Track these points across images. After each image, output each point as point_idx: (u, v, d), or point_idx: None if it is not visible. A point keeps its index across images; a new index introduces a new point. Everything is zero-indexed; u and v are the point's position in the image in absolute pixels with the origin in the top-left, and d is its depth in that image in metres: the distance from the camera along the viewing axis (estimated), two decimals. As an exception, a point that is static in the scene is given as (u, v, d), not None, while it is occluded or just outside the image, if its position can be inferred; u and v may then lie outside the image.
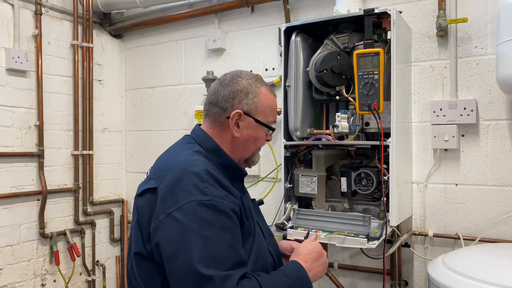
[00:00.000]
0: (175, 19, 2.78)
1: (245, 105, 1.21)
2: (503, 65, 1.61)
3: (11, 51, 2.42)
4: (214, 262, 1.00)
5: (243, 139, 1.23)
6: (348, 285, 2.27)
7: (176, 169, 1.11)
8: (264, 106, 1.23)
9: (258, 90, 1.23)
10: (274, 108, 1.27)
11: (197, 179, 1.07)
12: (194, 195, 1.04)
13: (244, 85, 1.22)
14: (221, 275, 0.98)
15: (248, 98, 1.21)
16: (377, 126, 1.72)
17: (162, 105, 2.92)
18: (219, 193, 1.07)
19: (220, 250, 1.02)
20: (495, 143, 1.91)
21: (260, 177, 2.52)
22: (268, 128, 1.26)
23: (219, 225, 1.04)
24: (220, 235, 1.03)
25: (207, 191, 1.06)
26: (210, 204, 1.04)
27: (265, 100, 1.23)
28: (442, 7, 1.97)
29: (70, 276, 2.73)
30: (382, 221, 1.76)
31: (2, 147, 2.42)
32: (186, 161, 1.14)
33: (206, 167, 1.11)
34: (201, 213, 1.03)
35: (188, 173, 1.08)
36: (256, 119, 1.22)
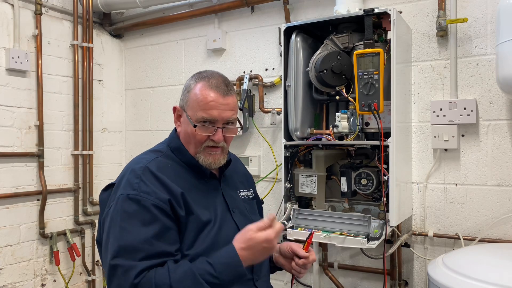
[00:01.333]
0: (175, 19, 2.78)
1: (181, 100, 1.29)
2: (503, 65, 1.61)
3: (11, 51, 2.42)
4: (124, 252, 1.08)
5: (184, 134, 1.28)
6: (348, 285, 2.27)
7: (126, 167, 1.24)
8: (193, 100, 1.24)
9: (193, 86, 1.25)
10: (203, 103, 1.21)
11: (133, 175, 1.18)
12: (125, 189, 1.15)
13: (187, 82, 1.29)
14: (125, 265, 1.06)
15: (184, 94, 1.28)
16: (377, 126, 1.72)
17: (162, 105, 2.92)
18: (147, 189, 1.14)
19: (134, 242, 1.08)
20: (495, 143, 1.91)
21: (260, 177, 2.52)
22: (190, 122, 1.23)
23: (138, 218, 1.11)
24: (137, 228, 1.10)
25: (135, 186, 1.15)
26: (135, 198, 1.13)
27: (194, 95, 1.24)
28: (442, 7, 1.97)
29: (70, 276, 2.73)
30: (382, 221, 1.76)
31: (2, 147, 2.42)
32: (136, 159, 1.27)
33: (148, 165, 1.20)
34: (125, 206, 1.12)
35: (130, 170, 1.20)
36: (187, 113, 1.25)
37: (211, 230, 1.20)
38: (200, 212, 1.20)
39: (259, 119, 2.51)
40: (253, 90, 2.50)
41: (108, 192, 1.24)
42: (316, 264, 2.21)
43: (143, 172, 1.17)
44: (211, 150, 1.26)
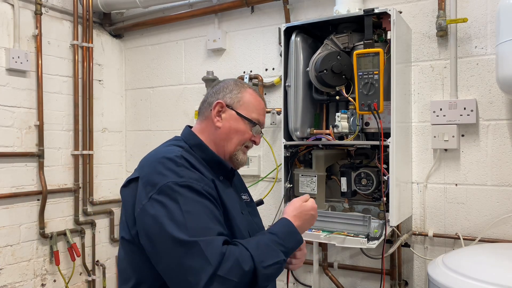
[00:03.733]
0: (175, 19, 2.78)
1: (228, 98, 1.29)
2: (503, 65, 1.61)
3: (11, 51, 2.42)
4: (197, 231, 1.05)
5: (225, 130, 1.27)
6: (348, 285, 2.27)
7: (154, 158, 1.19)
8: (247, 102, 1.29)
9: (243, 89, 1.30)
10: (259, 108, 1.31)
11: (172, 164, 1.14)
12: (170, 177, 1.11)
13: (230, 84, 1.32)
14: (205, 239, 1.03)
15: (232, 93, 1.29)
16: (377, 126, 1.72)
17: (162, 105, 2.92)
18: (194, 175, 1.14)
19: (202, 222, 1.07)
20: (495, 143, 1.91)
21: (260, 177, 2.52)
22: (249, 122, 1.28)
23: (196, 201, 1.10)
24: (199, 209, 1.09)
25: (182, 173, 1.12)
26: (186, 184, 1.10)
27: (250, 95, 1.30)
28: (442, 7, 1.97)
29: (70, 276, 2.73)
30: (382, 221, 1.76)
31: (2, 147, 2.42)
32: (163, 150, 1.23)
33: (182, 153, 1.19)
34: (179, 192, 1.09)
35: (164, 159, 1.16)
36: (238, 112, 1.27)
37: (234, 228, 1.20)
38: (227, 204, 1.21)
39: (259, 119, 2.50)
40: (253, 90, 2.49)
41: (132, 187, 1.18)
42: (316, 264, 2.21)
43: (181, 159, 1.16)
44: (246, 150, 1.33)
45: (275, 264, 1.09)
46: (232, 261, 1.02)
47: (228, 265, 1.01)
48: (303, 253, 1.31)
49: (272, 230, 1.17)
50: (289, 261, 1.32)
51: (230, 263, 1.02)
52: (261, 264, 1.06)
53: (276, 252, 1.11)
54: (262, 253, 1.08)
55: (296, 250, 1.28)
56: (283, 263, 1.12)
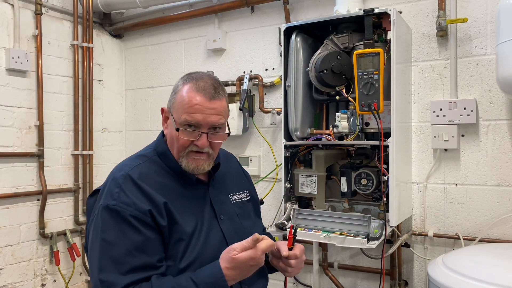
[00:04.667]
0: (175, 19, 2.78)
1: (169, 102, 1.23)
2: (503, 65, 1.61)
3: (11, 51, 2.42)
4: (108, 265, 1.06)
5: (169, 137, 1.24)
6: (348, 285, 2.27)
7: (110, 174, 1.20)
8: (177, 103, 1.18)
9: (180, 87, 1.19)
10: (188, 106, 1.15)
11: (113, 184, 1.14)
12: (105, 199, 1.12)
13: (175, 83, 1.24)
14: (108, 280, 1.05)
15: (171, 95, 1.23)
16: (377, 126, 1.72)
17: (162, 105, 2.90)
18: (126, 199, 1.11)
19: (116, 254, 1.07)
20: (495, 143, 1.91)
21: (260, 177, 2.52)
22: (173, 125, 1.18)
23: (119, 230, 1.09)
24: (119, 239, 1.08)
25: (116, 196, 1.11)
26: (114, 209, 1.10)
27: (180, 97, 1.17)
28: (442, 7, 1.97)
29: (70, 276, 2.73)
30: (382, 221, 1.76)
31: (2, 147, 2.42)
32: (119, 166, 1.22)
33: (130, 172, 1.15)
34: (105, 217, 1.10)
35: (111, 177, 1.17)
36: (173, 116, 1.19)
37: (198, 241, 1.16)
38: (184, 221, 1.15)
39: (259, 119, 2.51)
40: (253, 90, 2.50)
41: (94, 198, 1.20)
42: (316, 264, 2.21)
43: (124, 180, 1.13)
44: (195, 155, 1.19)
45: None
46: None
47: None
48: (301, 260, 1.26)
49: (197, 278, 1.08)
50: (284, 269, 1.28)
51: None
52: None
53: None
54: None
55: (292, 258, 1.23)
56: None
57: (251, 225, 1.35)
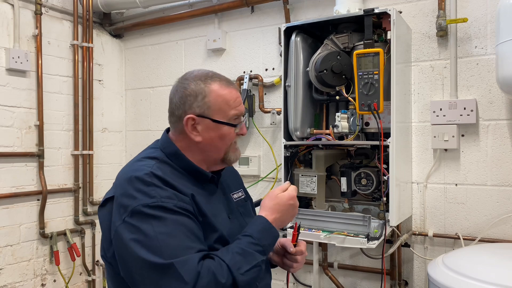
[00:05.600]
0: (175, 19, 2.78)
1: (196, 108, 1.17)
2: (503, 65, 1.62)
3: (11, 51, 2.42)
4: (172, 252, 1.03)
5: (207, 142, 1.20)
6: (348, 285, 2.27)
7: (126, 176, 1.14)
8: (218, 103, 1.17)
9: (207, 89, 1.17)
10: (232, 101, 1.19)
11: (141, 184, 1.10)
12: (140, 200, 1.07)
13: (192, 88, 1.18)
14: (180, 260, 1.01)
15: (198, 100, 1.17)
16: (377, 126, 1.72)
17: (162, 105, 2.92)
18: (166, 193, 1.09)
19: (177, 241, 1.05)
20: (495, 143, 1.91)
21: (260, 177, 2.52)
22: (229, 125, 1.19)
23: (170, 220, 1.07)
24: (173, 229, 1.06)
25: (153, 193, 1.08)
26: (157, 205, 1.07)
27: (218, 96, 1.17)
28: (442, 7, 1.97)
29: (70, 276, 2.73)
30: (382, 221, 1.76)
31: (2, 147, 2.42)
32: (133, 167, 1.18)
33: (152, 170, 1.13)
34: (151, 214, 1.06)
35: (133, 179, 1.11)
36: (213, 119, 1.17)
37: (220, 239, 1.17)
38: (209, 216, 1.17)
39: (259, 119, 2.51)
40: (253, 90, 2.50)
41: (108, 207, 1.15)
42: (316, 264, 2.21)
43: (152, 178, 1.11)
44: (235, 145, 1.26)
45: (253, 268, 1.08)
46: (208, 277, 1.01)
47: (205, 281, 1.01)
48: (304, 256, 1.30)
49: (247, 231, 1.15)
50: (290, 265, 1.31)
51: (206, 279, 1.01)
52: (239, 272, 1.05)
53: (252, 256, 1.09)
54: (238, 260, 1.07)
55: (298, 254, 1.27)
56: (261, 264, 1.11)
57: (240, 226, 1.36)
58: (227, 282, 1.03)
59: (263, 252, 1.12)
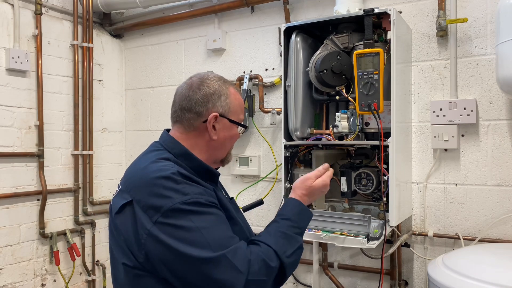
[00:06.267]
0: (175, 19, 2.78)
1: (220, 107, 1.23)
2: (503, 65, 1.62)
3: (11, 51, 2.42)
4: (220, 244, 1.05)
5: (220, 141, 1.25)
6: (348, 285, 2.27)
7: (148, 178, 1.11)
8: (235, 106, 1.27)
9: (228, 91, 1.26)
10: (243, 106, 1.32)
11: (172, 183, 1.09)
12: (175, 198, 1.06)
13: (215, 88, 1.23)
14: (230, 249, 1.05)
15: (221, 100, 1.23)
16: (377, 126, 1.72)
17: (162, 105, 2.92)
18: (197, 190, 1.11)
19: (221, 233, 1.08)
20: (495, 143, 1.91)
21: (260, 177, 2.52)
22: (242, 126, 1.30)
23: (209, 214, 1.09)
24: (214, 222, 1.08)
25: (186, 190, 1.08)
26: (193, 201, 1.08)
27: (235, 99, 1.27)
28: (442, 7, 1.97)
29: (70, 276, 2.73)
30: (382, 221, 1.76)
31: (2, 147, 2.42)
32: (155, 168, 1.14)
33: (177, 169, 1.13)
34: (190, 211, 1.06)
35: (161, 179, 1.09)
36: (231, 119, 1.25)
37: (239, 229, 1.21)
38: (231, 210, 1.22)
39: (259, 119, 2.51)
40: (253, 90, 2.50)
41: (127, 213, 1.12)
42: (316, 264, 2.21)
43: (178, 176, 1.11)
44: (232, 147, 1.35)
45: (297, 250, 1.16)
46: (259, 263, 1.06)
47: (256, 268, 1.05)
48: None
49: (285, 214, 1.22)
50: None
51: (258, 265, 1.06)
52: (285, 255, 1.11)
53: (294, 239, 1.17)
54: (283, 244, 1.13)
55: None
56: (302, 246, 1.19)
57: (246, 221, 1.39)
58: (276, 265, 1.09)
59: (301, 234, 1.21)
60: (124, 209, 1.13)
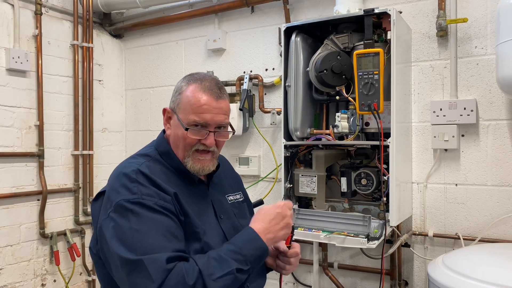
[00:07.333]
0: (175, 19, 2.78)
1: (172, 102, 1.25)
2: (503, 65, 1.62)
3: (11, 51, 2.42)
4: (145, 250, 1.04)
5: (172, 137, 1.24)
6: (348, 285, 2.27)
7: (115, 173, 1.19)
8: (184, 103, 1.20)
9: (185, 88, 1.21)
10: (196, 107, 1.18)
11: (127, 180, 1.13)
12: (122, 195, 1.10)
13: (178, 84, 1.25)
14: (150, 257, 1.02)
15: (175, 96, 1.24)
16: (377, 126, 1.72)
17: (162, 105, 2.88)
18: (148, 191, 1.11)
19: (152, 240, 1.05)
20: (495, 143, 1.91)
21: (260, 177, 2.52)
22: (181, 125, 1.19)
23: (148, 218, 1.08)
24: (150, 227, 1.07)
25: (135, 190, 1.11)
26: (137, 201, 1.09)
27: (186, 97, 1.19)
28: (442, 7, 1.97)
29: (70, 276, 2.73)
30: (382, 221, 1.76)
31: (2, 147, 2.42)
32: (124, 164, 1.22)
33: (139, 167, 1.16)
34: (130, 210, 1.08)
35: (121, 175, 1.15)
36: (178, 116, 1.21)
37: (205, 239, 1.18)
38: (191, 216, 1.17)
39: (259, 119, 2.51)
40: (253, 90, 2.50)
41: (100, 201, 1.18)
42: (316, 264, 2.21)
43: (137, 175, 1.13)
44: (200, 155, 1.22)
45: (226, 275, 1.05)
46: (177, 278, 1.01)
47: (173, 282, 1.00)
48: (298, 258, 1.29)
49: (231, 239, 1.14)
50: (283, 267, 1.30)
51: (174, 280, 1.00)
52: (211, 278, 1.03)
53: (227, 263, 1.06)
54: (211, 266, 1.05)
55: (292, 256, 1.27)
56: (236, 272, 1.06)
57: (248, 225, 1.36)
58: (196, 285, 1.01)
59: (243, 261, 1.08)
60: (99, 198, 1.20)
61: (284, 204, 1.21)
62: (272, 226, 1.16)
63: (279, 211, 1.18)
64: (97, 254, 1.18)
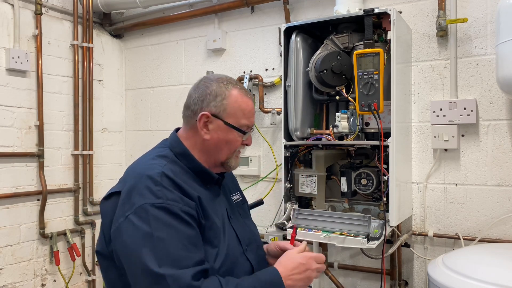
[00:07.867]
0: (175, 19, 2.78)
1: (213, 107, 1.21)
2: (503, 65, 1.62)
3: (11, 51, 2.42)
4: (168, 261, 1.02)
5: (213, 142, 1.23)
6: (348, 285, 2.27)
7: (135, 174, 1.16)
8: (234, 109, 1.22)
9: (228, 93, 1.22)
10: (247, 111, 1.24)
11: (151, 183, 1.10)
12: (147, 198, 1.08)
13: (213, 88, 1.22)
14: (174, 274, 1.01)
15: (216, 101, 1.21)
16: (377, 126, 1.72)
17: (162, 105, 2.92)
18: (172, 195, 1.09)
19: (174, 250, 1.04)
20: (495, 143, 1.91)
21: (260, 177, 2.52)
22: (239, 131, 1.23)
23: (171, 226, 1.06)
24: (173, 235, 1.05)
25: (160, 194, 1.09)
26: (162, 206, 1.07)
27: (235, 102, 1.22)
28: (442, 7, 1.97)
29: (70, 276, 2.73)
30: (382, 221, 1.76)
31: (2, 147, 2.42)
32: (145, 165, 1.18)
33: (164, 170, 1.14)
34: (154, 215, 1.06)
35: (144, 177, 1.12)
36: (226, 121, 1.21)
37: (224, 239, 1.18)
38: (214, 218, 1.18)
39: (259, 119, 2.51)
40: (253, 90, 2.50)
41: (112, 201, 1.16)
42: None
43: (161, 178, 1.12)
44: (238, 153, 1.29)
45: None
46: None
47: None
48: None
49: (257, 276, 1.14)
50: None
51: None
52: None
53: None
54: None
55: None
56: None
57: (252, 224, 1.40)
58: None
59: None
60: (112, 197, 1.17)
61: (311, 257, 1.20)
62: (293, 274, 1.16)
63: (304, 262, 1.18)
64: (109, 256, 1.15)
